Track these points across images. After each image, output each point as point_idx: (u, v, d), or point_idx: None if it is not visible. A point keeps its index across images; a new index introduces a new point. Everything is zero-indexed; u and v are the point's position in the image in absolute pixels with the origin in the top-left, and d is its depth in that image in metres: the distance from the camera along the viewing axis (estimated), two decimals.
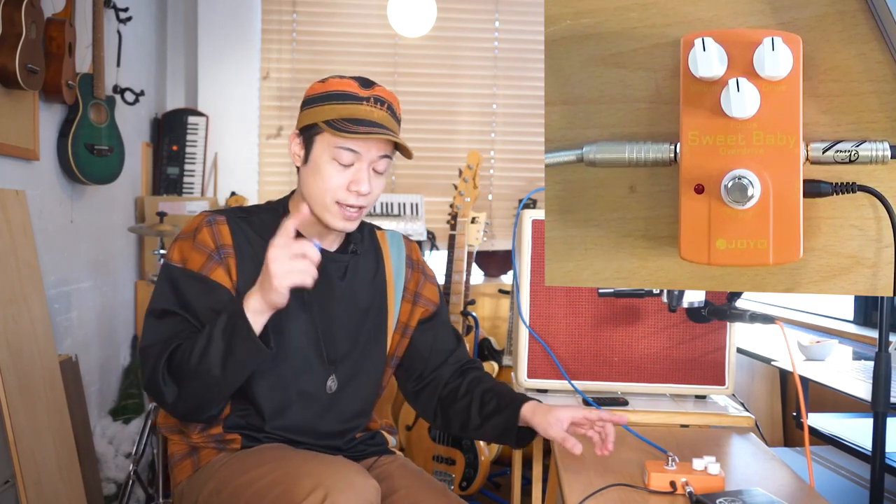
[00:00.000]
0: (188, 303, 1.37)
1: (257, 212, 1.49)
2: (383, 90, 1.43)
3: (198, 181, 3.66)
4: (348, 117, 1.37)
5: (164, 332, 1.37)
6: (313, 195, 1.41)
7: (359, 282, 1.51)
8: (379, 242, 1.59)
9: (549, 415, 1.42)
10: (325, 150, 1.39)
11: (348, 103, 1.39)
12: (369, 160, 1.40)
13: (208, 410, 1.38)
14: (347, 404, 1.49)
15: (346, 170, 1.39)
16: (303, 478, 1.23)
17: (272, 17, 3.90)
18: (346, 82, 1.41)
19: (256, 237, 1.43)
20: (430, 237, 3.75)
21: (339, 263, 1.49)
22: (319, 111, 1.40)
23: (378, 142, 1.40)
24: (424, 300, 1.60)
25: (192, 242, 1.41)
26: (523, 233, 1.76)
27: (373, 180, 1.42)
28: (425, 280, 1.62)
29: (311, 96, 1.43)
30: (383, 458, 1.54)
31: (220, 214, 1.44)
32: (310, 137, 1.41)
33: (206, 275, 1.38)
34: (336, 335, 1.47)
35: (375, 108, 1.40)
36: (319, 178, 1.39)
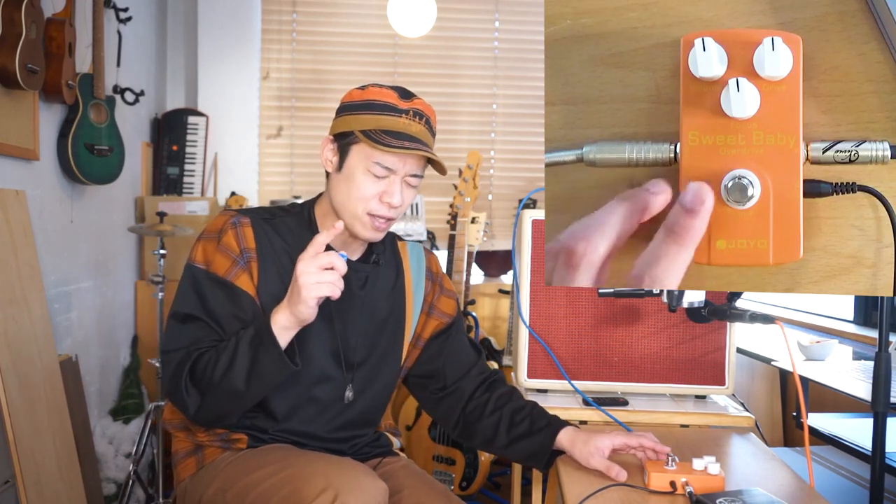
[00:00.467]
0: (212, 309, 1.37)
1: (282, 215, 1.47)
2: (422, 103, 1.41)
3: (198, 181, 3.66)
4: (387, 129, 1.36)
5: (188, 338, 1.36)
6: (344, 204, 1.41)
7: (378, 292, 1.51)
8: (400, 253, 1.58)
9: (589, 444, 1.38)
10: (360, 160, 1.38)
11: (387, 115, 1.37)
12: (404, 174, 1.39)
13: (229, 419, 1.39)
14: (359, 413, 1.49)
15: (379, 181, 1.38)
16: (312, 478, 1.23)
17: (272, 17, 3.90)
18: (386, 92, 1.39)
19: (280, 241, 1.42)
20: (430, 237, 3.75)
21: (360, 273, 1.48)
22: (357, 120, 1.38)
23: (414, 157, 1.38)
24: (439, 312, 1.59)
25: (216, 244, 1.40)
26: (523, 233, 1.76)
27: (405, 193, 1.40)
28: (441, 293, 1.61)
29: (348, 103, 1.41)
30: (387, 458, 1.54)
31: (244, 216, 1.43)
32: (345, 146, 1.40)
33: (230, 280, 1.38)
34: (354, 344, 1.46)
35: (414, 121, 1.38)
36: (353, 187, 1.38)
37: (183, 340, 1.36)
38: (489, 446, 1.54)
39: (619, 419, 1.59)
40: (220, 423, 1.40)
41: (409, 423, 3.03)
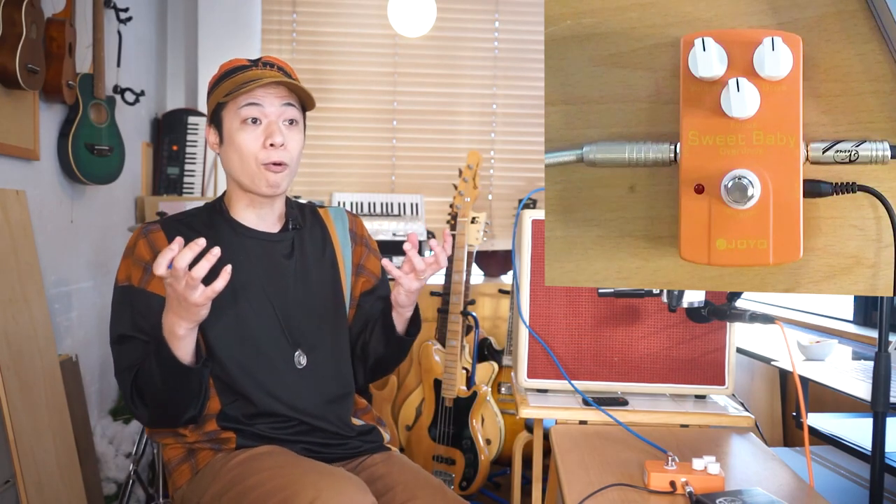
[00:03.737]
0: (137, 323, 1.41)
1: (196, 213, 1.54)
2: (272, 57, 1.50)
3: (198, 181, 3.66)
4: (241, 82, 1.42)
5: (128, 358, 1.41)
6: (237, 168, 1.46)
7: (308, 259, 1.55)
8: (323, 219, 1.63)
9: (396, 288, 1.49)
10: (232, 119, 1.44)
11: (238, 73, 1.45)
12: (276, 113, 1.44)
13: (183, 416, 1.41)
14: (325, 377, 1.51)
15: (256, 129, 1.43)
16: (303, 489, 1.25)
17: (272, 17, 3.90)
18: (234, 60, 1.50)
19: (195, 234, 1.43)
20: (430, 237, 3.75)
21: (283, 243, 1.52)
22: (218, 92, 1.46)
23: (278, 92, 1.44)
24: (367, 272, 1.65)
25: (131, 259, 1.45)
26: (523, 233, 1.76)
27: (287, 133, 1.45)
28: (369, 252, 1.66)
29: (210, 88, 1.51)
30: (379, 454, 1.54)
31: (154, 224, 1.48)
32: (217, 119, 1.47)
33: (143, 287, 1.41)
34: (294, 312, 1.50)
35: (265, 70, 1.46)
36: (236, 147, 1.44)
37: (124, 362, 1.41)
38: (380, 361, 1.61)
39: (619, 419, 1.59)
40: (176, 422, 1.42)
41: (409, 423, 3.03)
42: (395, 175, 3.97)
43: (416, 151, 3.99)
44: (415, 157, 3.99)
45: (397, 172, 3.97)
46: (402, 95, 4.01)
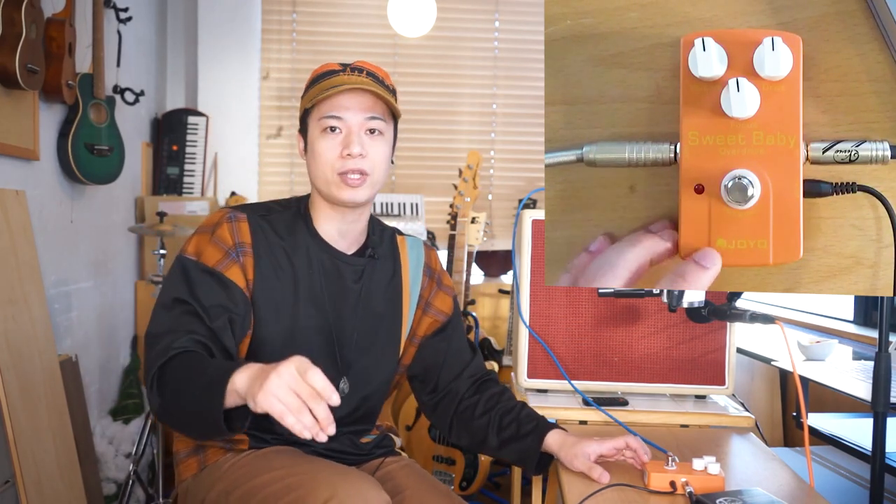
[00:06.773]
0: (199, 295, 1.34)
1: (278, 210, 1.47)
2: (364, 62, 1.45)
3: (198, 181, 3.66)
4: (325, 88, 1.40)
5: (173, 321, 1.32)
6: (317, 175, 1.42)
7: (374, 286, 1.50)
8: (398, 248, 1.58)
9: (576, 447, 1.38)
10: (314, 127, 1.41)
11: (327, 79, 1.42)
12: (357, 123, 1.39)
13: (186, 434, 1.34)
14: (357, 407, 1.48)
15: (336, 137, 1.39)
16: (317, 487, 1.22)
17: (272, 17, 3.90)
18: (325, 65, 1.46)
19: (276, 237, 1.42)
20: (430, 237, 3.75)
21: (355, 267, 1.48)
22: (306, 98, 1.44)
23: (361, 101, 1.40)
24: (435, 310, 1.58)
25: (210, 237, 1.40)
26: (523, 233, 1.76)
27: (366, 142, 1.40)
28: (438, 290, 1.59)
29: (303, 93, 1.48)
30: (389, 458, 1.53)
31: (241, 212, 1.43)
32: (304, 127, 1.45)
33: (220, 271, 1.36)
34: (349, 339, 1.46)
35: (353, 75, 1.42)
36: (317, 154, 1.41)
37: (168, 324, 1.32)
38: (482, 448, 1.54)
39: (619, 419, 1.59)
40: (177, 431, 1.35)
41: (409, 423, 3.03)
42: (395, 175, 3.97)
43: (416, 151, 3.99)
44: (415, 156, 3.99)
45: (397, 172, 3.97)
46: (402, 95, 3.96)
